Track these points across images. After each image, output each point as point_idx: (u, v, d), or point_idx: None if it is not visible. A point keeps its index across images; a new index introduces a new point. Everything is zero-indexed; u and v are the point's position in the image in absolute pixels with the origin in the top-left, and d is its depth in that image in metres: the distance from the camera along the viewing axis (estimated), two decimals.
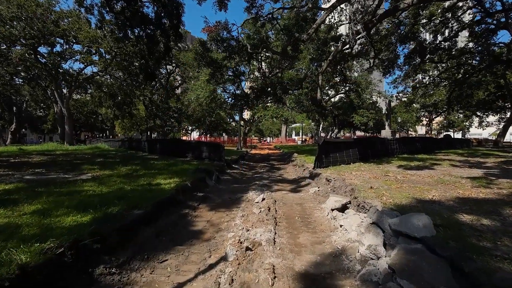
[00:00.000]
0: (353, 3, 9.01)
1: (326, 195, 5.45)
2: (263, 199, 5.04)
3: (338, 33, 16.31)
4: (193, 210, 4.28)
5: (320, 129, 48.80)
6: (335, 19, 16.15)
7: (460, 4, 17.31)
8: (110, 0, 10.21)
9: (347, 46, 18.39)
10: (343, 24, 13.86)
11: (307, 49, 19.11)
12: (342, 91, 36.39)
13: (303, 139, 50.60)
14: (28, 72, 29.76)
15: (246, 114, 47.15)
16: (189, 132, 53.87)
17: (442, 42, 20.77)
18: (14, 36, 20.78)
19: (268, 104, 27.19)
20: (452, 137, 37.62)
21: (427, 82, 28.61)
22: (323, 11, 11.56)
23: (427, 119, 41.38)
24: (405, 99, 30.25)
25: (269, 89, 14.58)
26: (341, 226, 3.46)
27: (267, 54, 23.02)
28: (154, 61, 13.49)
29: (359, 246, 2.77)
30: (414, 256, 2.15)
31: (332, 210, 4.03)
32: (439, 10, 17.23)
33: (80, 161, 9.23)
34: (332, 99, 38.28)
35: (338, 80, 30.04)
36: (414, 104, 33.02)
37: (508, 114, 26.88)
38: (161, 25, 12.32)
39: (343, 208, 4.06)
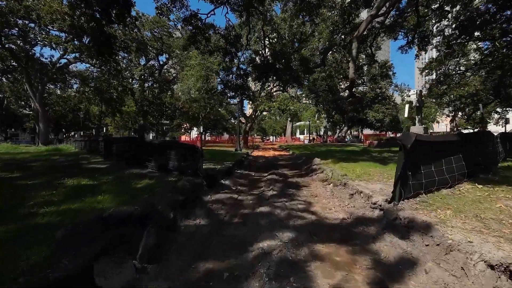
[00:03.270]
0: None
1: None
2: None
3: None
4: None
5: (322, 128, 44.16)
6: None
7: None
8: None
9: (382, 12, 13.80)
10: None
11: (326, 20, 14.58)
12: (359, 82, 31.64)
13: (311, 138, 46.03)
14: (3, 63, 26.05)
15: (248, 112, 42.77)
16: (188, 131, 49.59)
17: (500, 13, 16.02)
18: None
19: (274, 92, 22.39)
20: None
21: (465, 69, 23.81)
22: None
23: (452, 114, 36.51)
24: (436, 89, 25.42)
25: (278, 65, 9.91)
26: None
27: (272, 35, 18.53)
28: (108, 22, 9.17)
29: None
30: None
31: None
32: None
33: None
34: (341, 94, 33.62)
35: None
36: (444, 97, 28.12)
37: None
38: None
39: None
